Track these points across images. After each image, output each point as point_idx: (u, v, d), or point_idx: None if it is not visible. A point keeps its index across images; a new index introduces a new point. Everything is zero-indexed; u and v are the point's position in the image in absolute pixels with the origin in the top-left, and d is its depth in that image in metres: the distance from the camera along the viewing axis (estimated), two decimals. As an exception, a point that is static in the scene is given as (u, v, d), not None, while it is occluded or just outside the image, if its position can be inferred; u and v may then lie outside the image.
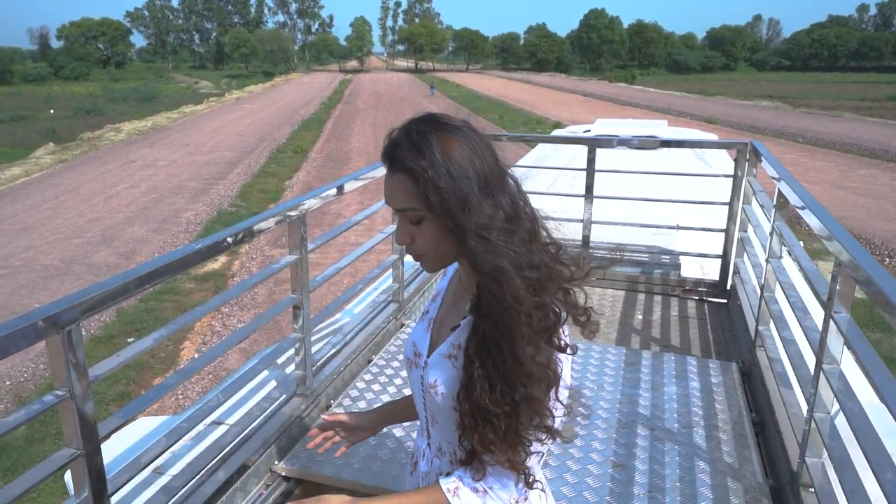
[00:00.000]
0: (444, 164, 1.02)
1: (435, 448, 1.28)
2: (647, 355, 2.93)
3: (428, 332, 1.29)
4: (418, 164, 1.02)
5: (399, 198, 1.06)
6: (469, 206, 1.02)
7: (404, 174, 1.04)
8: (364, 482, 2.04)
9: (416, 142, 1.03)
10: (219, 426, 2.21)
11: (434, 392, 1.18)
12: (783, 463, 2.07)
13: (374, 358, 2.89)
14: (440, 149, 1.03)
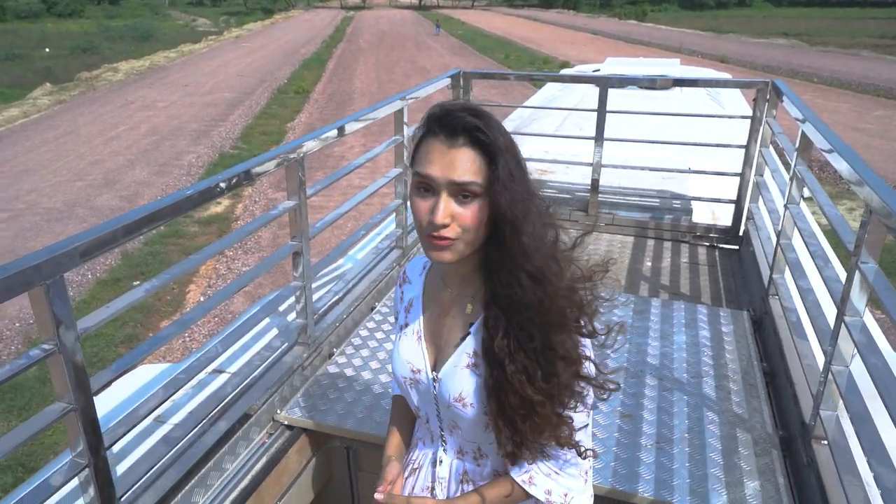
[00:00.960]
0: (513, 147, 1.03)
1: (454, 451, 1.26)
2: (656, 303, 2.87)
3: (420, 345, 1.24)
4: (496, 140, 1.01)
5: (462, 170, 1.01)
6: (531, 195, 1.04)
7: (476, 148, 1.01)
8: (366, 431, 2.02)
9: (490, 120, 1.02)
10: (220, 375, 2.18)
11: (462, 405, 1.16)
12: (794, 414, 2.03)
13: (376, 305, 2.84)
14: (501, 127, 1.03)
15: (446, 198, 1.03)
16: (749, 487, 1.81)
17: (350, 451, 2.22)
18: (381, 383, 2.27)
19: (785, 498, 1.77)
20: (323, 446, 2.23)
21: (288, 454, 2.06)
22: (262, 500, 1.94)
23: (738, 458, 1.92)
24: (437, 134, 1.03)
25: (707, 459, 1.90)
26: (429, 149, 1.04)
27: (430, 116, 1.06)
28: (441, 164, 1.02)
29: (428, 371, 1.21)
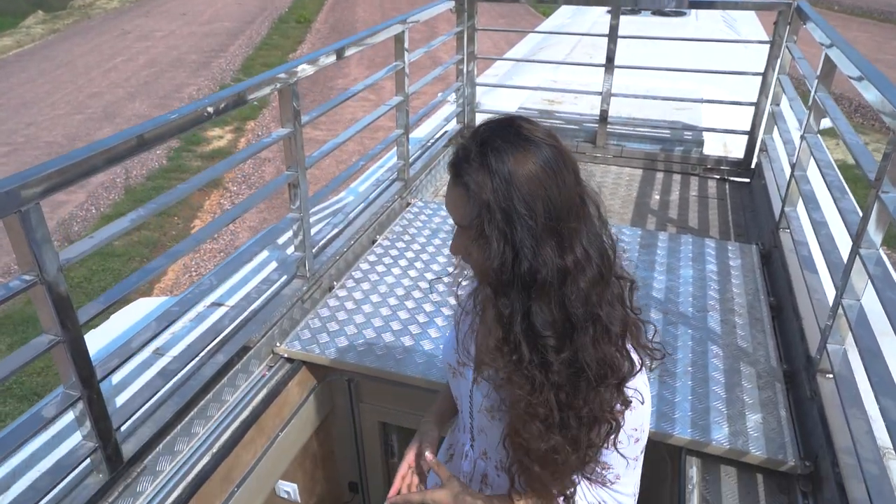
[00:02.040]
0: (511, 196, 0.90)
1: (479, 451, 1.25)
2: (664, 237, 2.80)
3: (472, 340, 1.20)
4: (480, 188, 0.91)
5: (456, 212, 0.97)
6: (523, 251, 0.91)
7: (465, 191, 0.93)
8: (367, 364, 2.01)
9: (488, 159, 0.91)
10: (218, 308, 2.16)
11: (489, 417, 1.14)
12: (799, 348, 2.00)
13: (378, 238, 2.79)
14: (513, 174, 0.90)
15: (459, 231, 1.00)
16: (751, 420, 1.79)
17: (351, 384, 2.22)
18: (382, 317, 2.25)
19: (786, 430, 1.76)
20: (324, 379, 2.23)
21: (288, 387, 2.06)
22: (263, 432, 1.95)
23: (741, 392, 1.90)
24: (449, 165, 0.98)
25: (710, 393, 1.89)
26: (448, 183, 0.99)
27: (458, 140, 0.99)
28: (447, 200, 0.99)
29: (471, 367, 1.18)
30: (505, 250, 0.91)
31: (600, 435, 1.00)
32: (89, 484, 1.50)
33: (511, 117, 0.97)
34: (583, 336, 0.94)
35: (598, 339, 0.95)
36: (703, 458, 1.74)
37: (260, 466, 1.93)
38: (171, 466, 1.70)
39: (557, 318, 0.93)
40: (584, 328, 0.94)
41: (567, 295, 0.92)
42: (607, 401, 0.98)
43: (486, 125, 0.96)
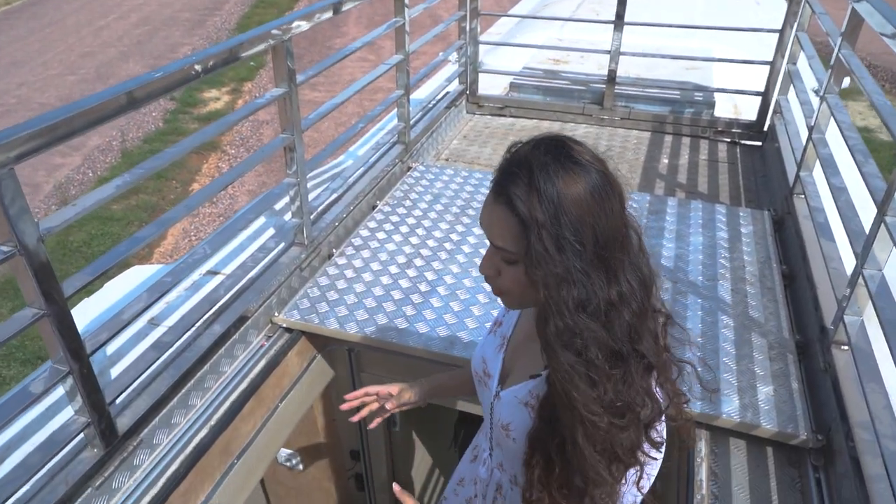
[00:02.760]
0: (560, 219, 0.86)
1: (496, 461, 1.25)
2: (673, 202, 2.72)
3: (500, 353, 1.20)
4: (531, 211, 0.87)
5: (498, 234, 0.93)
6: (572, 279, 0.88)
7: (511, 212, 0.89)
8: (368, 335, 1.95)
9: (537, 180, 0.87)
10: (213, 276, 2.10)
11: (506, 434, 1.13)
12: (813, 318, 1.94)
13: (378, 204, 2.71)
14: (561, 197, 0.86)
15: (489, 253, 0.97)
16: (762, 392, 1.75)
17: (352, 354, 2.17)
18: (383, 285, 2.19)
19: (798, 403, 1.71)
20: (324, 349, 2.18)
21: (288, 357, 2.01)
22: (263, 403, 1.91)
23: (752, 363, 1.85)
24: (493, 184, 0.94)
25: (720, 364, 1.84)
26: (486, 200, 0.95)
27: (504, 155, 0.95)
28: (485, 218, 0.95)
29: (496, 382, 1.19)
30: (554, 272, 0.88)
31: (619, 472, 0.96)
32: (84, 458, 1.46)
33: (560, 137, 0.93)
34: (624, 370, 0.91)
35: (637, 375, 0.92)
36: (711, 430, 1.70)
37: (260, 437, 1.90)
38: (169, 439, 1.66)
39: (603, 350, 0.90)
40: (627, 362, 0.91)
41: (613, 328, 0.90)
42: (635, 439, 0.95)
43: (536, 143, 0.92)
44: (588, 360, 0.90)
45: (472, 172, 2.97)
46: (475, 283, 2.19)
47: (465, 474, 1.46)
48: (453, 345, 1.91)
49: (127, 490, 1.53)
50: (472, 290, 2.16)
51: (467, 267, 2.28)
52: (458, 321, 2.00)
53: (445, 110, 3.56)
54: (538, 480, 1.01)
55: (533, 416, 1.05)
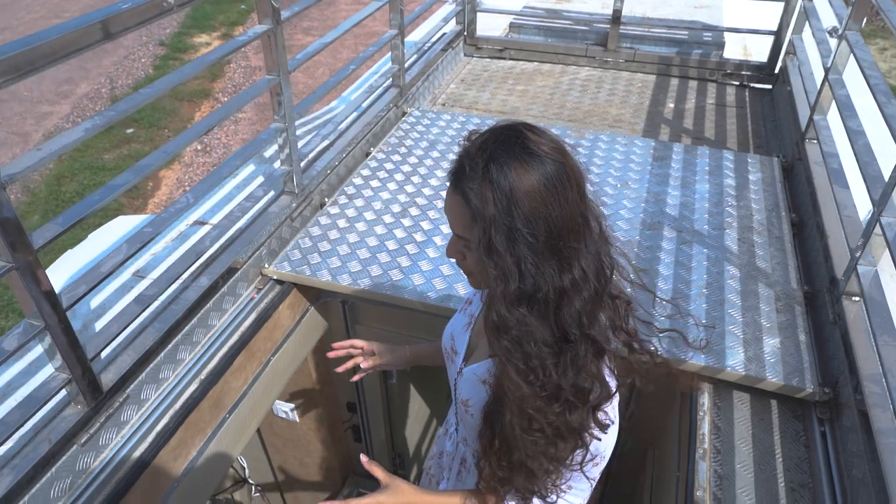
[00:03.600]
0: (512, 212, 0.87)
1: (461, 436, 1.31)
2: (678, 149, 2.61)
3: (467, 332, 1.25)
4: (483, 205, 0.88)
5: (455, 223, 0.97)
6: (519, 271, 0.89)
7: (466, 204, 0.91)
8: (361, 287, 1.89)
9: (491, 173, 0.87)
10: (200, 227, 2.02)
11: (465, 409, 1.19)
12: (823, 269, 1.87)
13: (372, 151, 2.60)
14: (514, 189, 0.87)
15: (454, 237, 1.00)
16: (768, 344, 1.69)
17: (346, 306, 2.11)
18: (377, 235, 2.11)
19: (805, 355, 1.66)
20: (317, 301, 2.12)
21: (279, 309, 1.96)
22: (254, 357, 1.87)
23: (758, 315, 1.79)
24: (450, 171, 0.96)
25: (725, 316, 1.78)
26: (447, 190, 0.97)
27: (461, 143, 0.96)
28: (445, 205, 0.98)
29: (461, 359, 1.23)
30: (505, 267, 0.89)
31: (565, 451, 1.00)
32: (68, 415, 1.42)
33: (518, 126, 0.92)
34: (572, 354, 0.94)
35: (585, 360, 0.95)
36: (715, 384, 1.66)
37: (252, 392, 1.86)
38: (157, 395, 1.61)
39: (553, 334, 0.93)
40: (576, 347, 0.94)
41: (562, 314, 0.92)
42: (581, 420, 0.97)
43: (491, 133, 0.92)
44: (525, 350, 0.93)
45: (469, 118, 2.85)
46: (473, 232, 2.11)
47: (441, 447, 1.51)
48: (450, 297, 1.85)
49: (115, 446, 1.49)
50: (469, 240, 2.08)
51: (464, 216, 2.19)
52: (454, 272, 1.94)
53: (442, 52, 3.40)
54: (484, 452, 1.07)
55: (489, 393, 1.08)
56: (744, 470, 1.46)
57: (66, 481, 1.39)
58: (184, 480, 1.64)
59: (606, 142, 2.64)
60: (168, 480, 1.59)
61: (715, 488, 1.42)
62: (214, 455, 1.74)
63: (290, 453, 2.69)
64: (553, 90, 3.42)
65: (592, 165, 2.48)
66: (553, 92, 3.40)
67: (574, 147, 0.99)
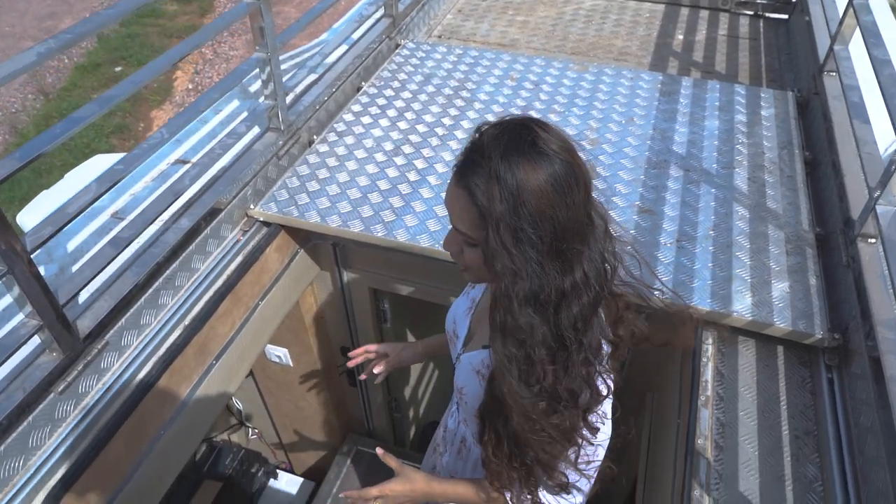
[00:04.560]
0: (519, 211, 0.85)
1: (462, 416, 1.33)
2: (687, 83, 2.47)
3: (468, 317, 1.25)
4: (490, 202, 0.86)
5: (458, 219, 0.94)
6: (525, 272, 0.88)
7: (471, 200, 0.89)
8: (352, 229, 1.80)
9: (498, 170, 0.85)
10: (180, 166, 1.91)
11: (461, 395, 1.22)
12: (837, 209, 1.77)
13: (363, 85, 2.46)
14: (522, 188, 0.85)
15: (452, 232, 0.98)
16: (776, 289, 1.62)
17: (337, 249, 2.03)
18: (368, 175, 2.00)
19: (815, 300, 1.59)
20: (306, 244, 2.04)
21: (266, 253, 1.87)
22: (241, 301, 1.80)
23: (767, 258, 1.71)
24: (456, 164, 0.94)
25: (732, 259, 1.70)
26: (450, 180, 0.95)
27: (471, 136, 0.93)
28: (447, 198, 0.95)
29: (461, 344, 1.25)
30: (512, 266, 0.88)
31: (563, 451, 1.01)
32: (42, 363, 1.36)
33: (528, 122, 0.89)
34: (565, 358, 0.93)
35: (578, 363, 0.94)
36: (720, 329, 1.59)
37: (240, 338, 1.80)
38: (139, 341, 1.55)
39: (552, 337, 0.92)
40: (570, 351, 0.93)
41: (561, 317, 0.91)
42: (573, 423, 0.98)
43: (500, 128, 0.89)
44: (527, 354, 0.92)
45: (466, 50, 2.69)
46: (469, 172, 2.01)
47: (445, 421, 1.53)
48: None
49: (96, 394, 1.44)
50: (465, 179, 1.97)
51: (460, 155, 2.08)
52: (449, 214, 1.84)
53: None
54: (493, 455, 1.06)
55: (483, 385, 1.08)
56: (747, 417, 1.41)
57: (44, 430, 1.34)
58: (171, 427, 1.60)
59: (611, 76, 2.49)
60: (154, 427, 1.55)
61: (717, 436, 1.37)
62: (202, 401, 1.69)
63: (284, 397, 2.67)
64: (555, 21, 3.23)
65: (596, 101, 2.35)
66: (555, 23, 3.21)
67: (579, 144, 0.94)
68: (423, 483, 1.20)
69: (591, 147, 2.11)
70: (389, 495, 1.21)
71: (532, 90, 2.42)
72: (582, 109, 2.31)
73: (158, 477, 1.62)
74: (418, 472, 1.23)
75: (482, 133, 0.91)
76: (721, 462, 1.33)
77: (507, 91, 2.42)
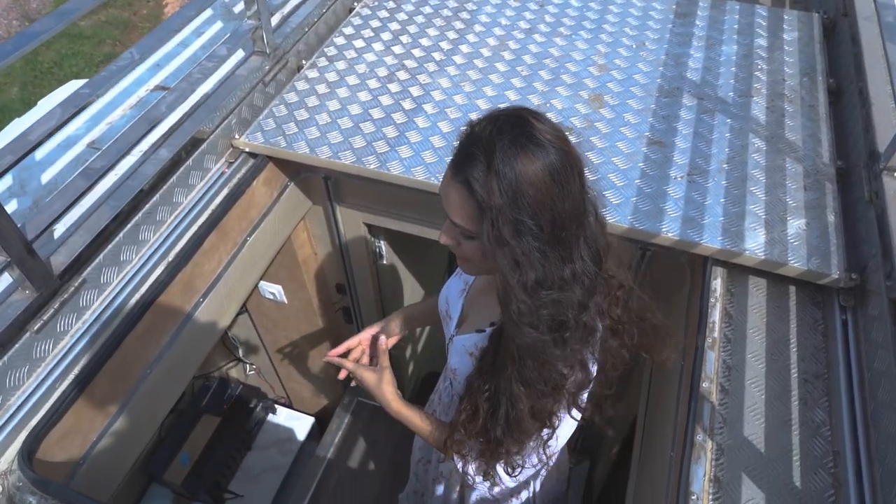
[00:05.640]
0: (518, 203, 0.85)
1: (455, 391, 1.31)
2: (704, 4, 2.29)
3: (461, 299, 1.28)
4: (489, 196, 0.86)
5: (456, 213, 0.93)
6: (528, 262, 0.89)
7: (469, 194, 0.88)
8: (343, 161, 1.69)
9: (496, 163, 0.85)
10: (158, 92, 1.79)
11: (453, 376, 1.26)
12: (861, 141, 1.66)
13: (355, 6, 2.29)
14: (520, 180, 0.85)
15: (448, 224, 0.97)
16: (792, 226, 1.53)
17: (328, 182, 1.93)
18: (361, 103, 1.88)
19: (833, 238, 1.50)
20: (296, 177, 1.94)
21: (253, 186, 1.78)
22: (228, 237, 1.71)
23: (783, 193, 1.61)
24: (452, 158, 0.93)
25: (746, 194, 1.60)
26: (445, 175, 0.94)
27: (463, 130, 0.92)
28: (442, 191, 0.95)
29: (454, 325, 1.28)
30: (515, 258, 0.89)
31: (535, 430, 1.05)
32: (15, 301, 1.29)
33: (521, 113, 0.89)
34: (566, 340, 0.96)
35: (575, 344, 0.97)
36: (730, 268, 1.51)
37: (228, 274, 1.73)
38: (120, 278, 1.48)
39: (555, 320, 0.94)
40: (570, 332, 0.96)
41: (562, 302, 0.93)
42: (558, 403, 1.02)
43: (494, 120, 0.88)
44: (543, 336, 0.94)
45: (468, -32, 2.49)
46: (467, 99, 1.88)
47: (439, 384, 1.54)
48: (441, 170, 1.66)
49: (76, 333, 1.38)
50: (463, 107, 1.85)
51: (459, 81, 1.95)
52: (446, 144, 1.73)
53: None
54: (461, 424, 1.10)
55: (475, 365, 1.11)
56: (755, 360, 1.35)
57: (22, 370, 1.29)
58: (158, 365, 1.55)
59: (623, -4, 2.31)
60: (140, 366, 1.50)
61: (722, 379, 1.32)
62: (191, 339, 1.64)
63: (281, 334, 2.63)
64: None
65: (605, 24, 2.19)
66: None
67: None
68: (390, 394, 1.27)
69: (599, 73, 1.97)
70: (361, 378, 1.31)
71: (537, 11, 2.25)
72: (590, 33, 2.15)
73: (148, 415, 1.59)
74: (393, 385, 1.29)
75: (475, 126, 0.90)
76: (726, 406, 1.28)
77: (510, 13, 2.25)
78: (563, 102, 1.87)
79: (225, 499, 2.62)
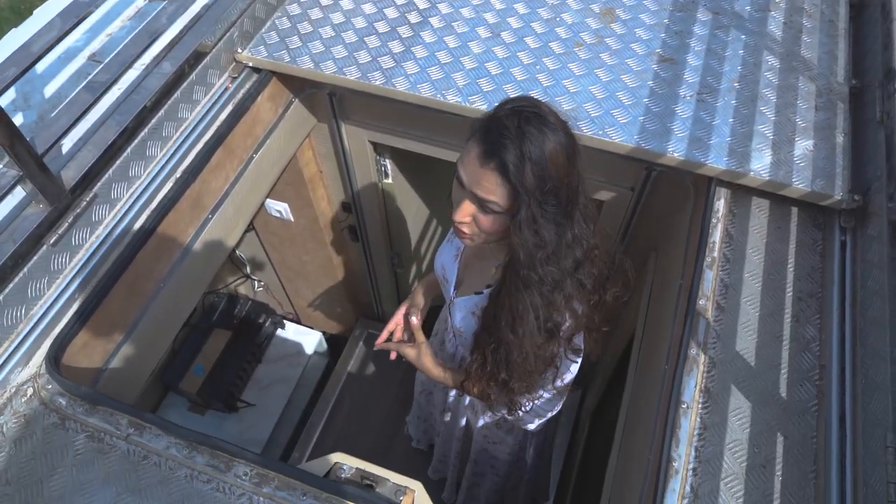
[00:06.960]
0: (545, 184, 0.98)
1: (459, 342, 1.52)
2: None
3: (456, 263, 1.41)
4: (523, 179, 0.97)
5: (486, 190, 1.02)
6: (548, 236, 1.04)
7: (504, 177, 0.99)
8: (348, 77, 1.67)
9: (528, 149, 0.96)
10: (161, 3, 1.74)
11: (459, 335, 1.45)
12: (879, 59, 1.62)
13: None
14: (546, 163, 0.97)
15: (468, 203, 1.06)
16: (799, 147, 1.52)
17: (333, 98, 1.91)
18: (366, 15, 1.83)
19: (839, 159, 1.50)
20: (301, 93, 1.91)
21: (258, 102, 1.76)
22: (234, 154, 1.72)
23: (794, 113, 1.59)
24: (479, 144, 1.01)
25: (756, 114, 1.58)
26: (469, 153, 1.03)
27: (483, 121, 1.02)
28: (470, 175, 1.03)
29: (452, 287, 1.42)
30: (535, 233, 1.02)
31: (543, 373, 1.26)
32: (30, 215, 1.32)
33: (536, 102, 1.01)
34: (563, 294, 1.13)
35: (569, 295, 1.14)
36: (734, 189, 1.52)
37: (236, 191, 1.74)
38: (130, 193, 1.50)
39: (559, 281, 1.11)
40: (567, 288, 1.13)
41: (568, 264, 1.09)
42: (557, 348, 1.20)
43: (517, 107, 0.99)
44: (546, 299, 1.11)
45: None
46: (475, 13, 1.83)
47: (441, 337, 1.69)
48: (447, 87, 1.64)
49: (90, 247, 1.41)
50: (471, 21, 1.80)
51: (467, -7, 1.88)
52: (453, 59, 1.70)
53: None
54: (474, 372, 1.29)
55: (477, 324, 1.29)
56: (752, 279, 1.39)
57: (42, 281, 1.34)
58: (171, 279, 1.60)
59: None
60: (153, 279, 1.55)
61: (719, 297, 1.36)
62: (201, 254, 1.68)
63: (288, 251, 2.68)
64: None
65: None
66: None
67: None
68: (430, 364, 1.47)
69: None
70: (404, 354, 1.51)
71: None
72: (605, -59, 2.05)
73: (163, 327, 1.66)
74: (429, 349, 1.49)
75: (499, 114, 1.00)
76: (720, 322, 1.32)
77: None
78: (573, 17, 1.81)
79: (238, 407, 2.76)
